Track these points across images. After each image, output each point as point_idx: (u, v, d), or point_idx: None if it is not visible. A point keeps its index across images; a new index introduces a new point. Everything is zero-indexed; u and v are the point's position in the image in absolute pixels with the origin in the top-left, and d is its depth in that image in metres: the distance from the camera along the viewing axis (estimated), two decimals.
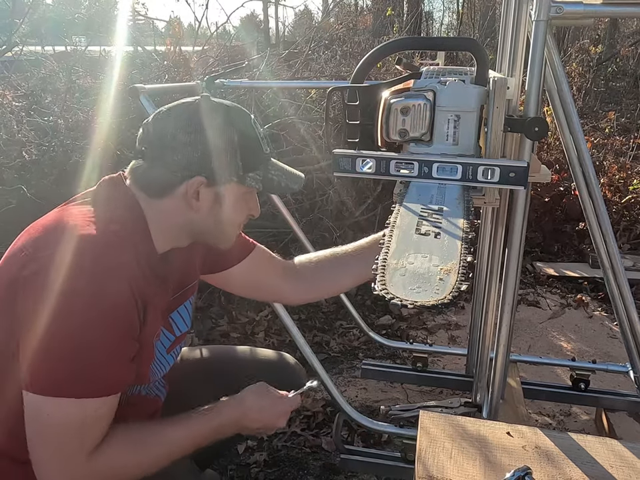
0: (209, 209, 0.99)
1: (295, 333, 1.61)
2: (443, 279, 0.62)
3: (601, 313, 2.81)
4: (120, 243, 0.90)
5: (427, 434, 0.98)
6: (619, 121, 5.99)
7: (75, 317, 0.82)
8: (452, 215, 0.82)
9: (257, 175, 1.00)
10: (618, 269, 1.49)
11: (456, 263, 0.65)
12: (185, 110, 0.97)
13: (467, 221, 0.80)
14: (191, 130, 0.94)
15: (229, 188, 0.98)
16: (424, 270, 0.65)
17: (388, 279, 0.63)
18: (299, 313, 2.66)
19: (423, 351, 2.09)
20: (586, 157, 1.39)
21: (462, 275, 0.63)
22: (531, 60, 1.14)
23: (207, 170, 0.95)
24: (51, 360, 0.83)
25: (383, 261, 0.68)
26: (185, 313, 1.15)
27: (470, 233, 0.75)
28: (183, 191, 0.96)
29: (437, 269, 0.64)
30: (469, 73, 1.20)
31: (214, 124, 0.95)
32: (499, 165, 1.00)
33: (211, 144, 0.94)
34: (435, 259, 0.67)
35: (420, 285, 0.62)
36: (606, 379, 2.13)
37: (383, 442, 1.85)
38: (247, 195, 1.03)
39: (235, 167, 0.97)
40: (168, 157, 0.94)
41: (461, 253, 0.68)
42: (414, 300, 0.59)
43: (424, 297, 0.59)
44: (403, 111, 1.14)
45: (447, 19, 12.48)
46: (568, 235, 3.45)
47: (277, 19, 5.28)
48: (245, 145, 0.98)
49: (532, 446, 0.97)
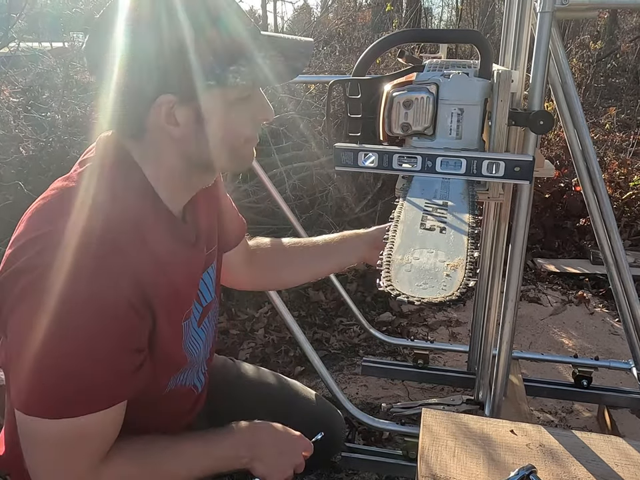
0: (196, 132, 0.79)
1: (295, 330, 1.60)
2: (450, 274, 0.61)
3: (602, 310, 2.79)
4: (119, 245, 0.76)
5: (430, 432, 0.97)
6: (619, 117, 5.98)
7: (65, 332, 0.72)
8: (457, 210, 0.81)
9: (241, 66, 0.77)
10: (622, 265, 1.47)
11: (463, 258, 0.64)
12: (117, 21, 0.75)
13: (473, 215, 0.78)
14: (130, 41, 0.73)
15: (210, 97, 0.77)
16: (430, 266, 0.63)
17: (393, 275, 0.61)
18: (299, 309, 2.65)
19: (424, 348, 2.08)
20: (590, 152, 1.37)
21: (469, 271, 0.61)
22: (535, 53, 1.12)
23: (170, 84, 0.75)
24: (40, 381, 0.74)
25: (388, 256, 0.66)
26: (208, 280, 1.01)
27: (476, 228, 0.74)
28: (154, 119, 0.77)
29: (444, 265, 0.63)
30: (473, 65, 1.18)
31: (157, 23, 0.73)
32: (504, 159, 0.98)
33: (161, 49, 0.73)
34: (441, 255, 0.65)
35: (426, 281, 0.60)
36: (608, 376, 2.12)
37: (384, 439, 1.84)
38: (242, 97, 0.80)
39: (206, 66, 0.74)
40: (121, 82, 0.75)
41: (468, 249, 0.67)
42: (420, 296, 0.57)
43: (431, 293, 0.58)
44: (405, 104, 1.12)
45: (446, 15, 12.47)
46: (569, 231, 3.44)
47: (275, 13, 5.24)
48: (212, 34, 0.74)
49: (536, 444, 0.95)
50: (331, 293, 2.72)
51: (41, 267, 0.71)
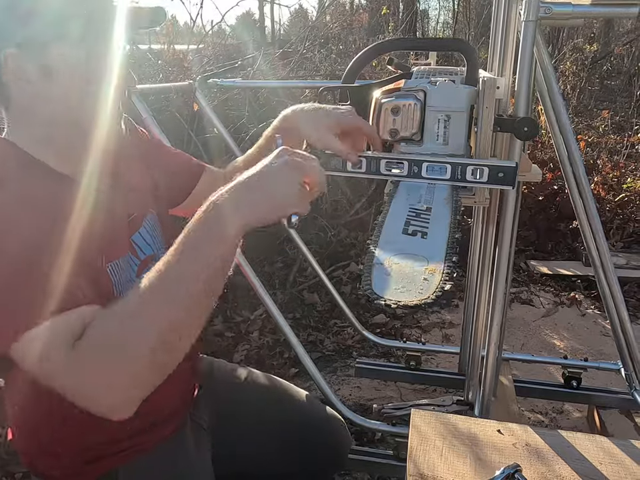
0: (47, 88, 0.80)
1: (288, 332, 1.61)
2: (427, 278, 0.63)
3: (594, 311, 2.82)
4: None
5: (418, 432, 0.99)
6: (613, 119, 6.02)
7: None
8: (439, 215, 0.83)
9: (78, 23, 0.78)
10: (608, 268, 1.50)
11: (441, 262, 0.66)
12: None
13: (455, 220, 0.80)
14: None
15: (54, 51, 0.78)
16: (409, 270, 0.65)
17: (373, 279, 0.64)
18: (294, 311, 2.68)
19: (417, 350, 2.10)
20: (576, 157, 1.40)
21: (446, 275, 0.64)
22: (520, 60, 1.14)
23: (10, 38, 0.77)
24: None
25: (369, 260, 0.68)
26: (146, 235, 1.01)
27: (457, 233, 0.76)
28: (7, 78, 0.79)
29: (422, 269, 0.65)
30: (459, 73, 1.20)
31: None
32: (488, 164, 1.00)
33: None
34: (420, 259, 0.67)
35: (404, 284, 0.62)
36: (598, 377, 2.15)
37: (376, 440, 1.87)
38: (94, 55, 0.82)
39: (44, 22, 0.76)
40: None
41: (447, 253, 0.69)
42: (397, 300, 0.59)
43: (407, 296, 0.60)
44: (393, 110, 1.15)
45: (442, 17, 12.52)
46: (562, 233, 3.47)
47: (272, 17, 5.29)
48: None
49: (522, 443, 0.97)
50: (326, 295, 2.74)
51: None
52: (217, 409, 1.21)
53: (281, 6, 8.98)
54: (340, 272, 2.95)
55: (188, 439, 1.10)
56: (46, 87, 0.80)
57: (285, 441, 1.23)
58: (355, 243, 3.09)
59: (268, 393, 1.30)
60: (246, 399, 1.26)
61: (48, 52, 0.78)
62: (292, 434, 1.23)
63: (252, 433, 1.22)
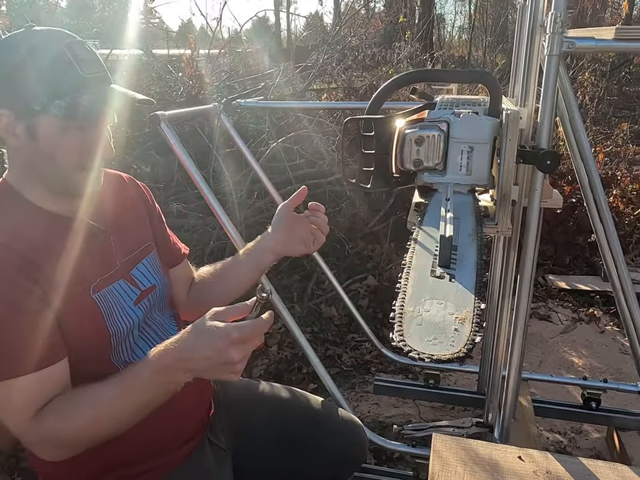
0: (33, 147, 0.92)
1: (305, 347, 1.62)
2: (457, 329, 0.65)
3: (612, 328, 2.80)
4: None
5: (440, 458, 1.00)
6: (632, 127, 5.96)
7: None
8: (465, 256, 0.84)
9: (64, 101, 0.90)
10: (626, 283, 1.50)
11: (470, 310, 0.68)
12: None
13: (480, 262, 0.82)
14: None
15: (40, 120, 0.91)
16: (439, 319, 0.67)
17: (405, 329, 0.65)
18: (312, 325, 2.69)
19: (435, 368, 2.11)
20: (597, 182, 1.40)
21: (476, 325, 0.65)
22: (544, 93, 1.16)
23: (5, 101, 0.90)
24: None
25: (400, 308, 0.70)
26: (145, 270, 1.12)
27: (484, 277, 0.77)
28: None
29: (452, 318, 0.67)
30: (482, 103, 1.22)
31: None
32: None
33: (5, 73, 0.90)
34: (449, 306, 0.69)
35: (436, 335, 0.64)
36: (618, 397, 2.14)
37: (395, 459, 1.88)
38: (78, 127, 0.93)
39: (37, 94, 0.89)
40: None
41: (475, 300, 0.70)
42: (430, 353, 0.61)
43: (440, 349, 0.61)
44: (417, 141, 1.17)
45: (459, 22, 12.50)
46: (580, 247, 3.44)
47: (289, 26, 5.33)
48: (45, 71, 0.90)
49: (543, 471, 0.98)
50: (343, 308, 2.74)
51: None
52: (235, 427, 1.24)
53: (298, 16, 9.03)
54: (357, 285, 2.96)
55: (207, 459, 1.13)
56: (29, 143, 0.92)
57: (303, 449, 1.26)
58: (372, 256, 3.10)
59: (283, 405, 1.32)
60: (261, 413, 1.28)
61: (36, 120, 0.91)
62: (310, 439, 1.27)
63: (271, 446, 1.24)
